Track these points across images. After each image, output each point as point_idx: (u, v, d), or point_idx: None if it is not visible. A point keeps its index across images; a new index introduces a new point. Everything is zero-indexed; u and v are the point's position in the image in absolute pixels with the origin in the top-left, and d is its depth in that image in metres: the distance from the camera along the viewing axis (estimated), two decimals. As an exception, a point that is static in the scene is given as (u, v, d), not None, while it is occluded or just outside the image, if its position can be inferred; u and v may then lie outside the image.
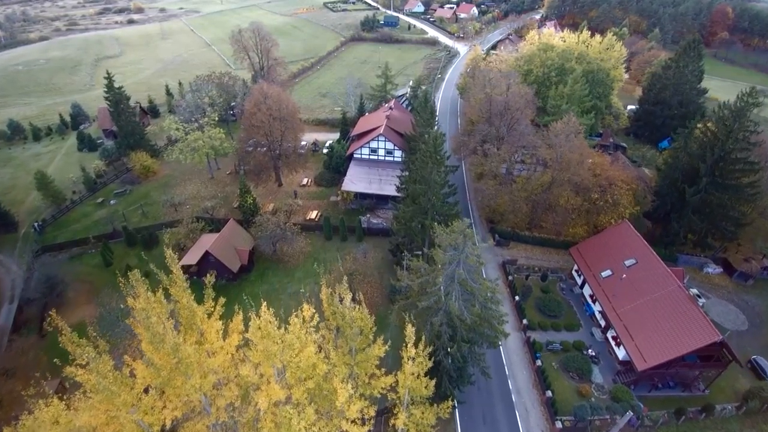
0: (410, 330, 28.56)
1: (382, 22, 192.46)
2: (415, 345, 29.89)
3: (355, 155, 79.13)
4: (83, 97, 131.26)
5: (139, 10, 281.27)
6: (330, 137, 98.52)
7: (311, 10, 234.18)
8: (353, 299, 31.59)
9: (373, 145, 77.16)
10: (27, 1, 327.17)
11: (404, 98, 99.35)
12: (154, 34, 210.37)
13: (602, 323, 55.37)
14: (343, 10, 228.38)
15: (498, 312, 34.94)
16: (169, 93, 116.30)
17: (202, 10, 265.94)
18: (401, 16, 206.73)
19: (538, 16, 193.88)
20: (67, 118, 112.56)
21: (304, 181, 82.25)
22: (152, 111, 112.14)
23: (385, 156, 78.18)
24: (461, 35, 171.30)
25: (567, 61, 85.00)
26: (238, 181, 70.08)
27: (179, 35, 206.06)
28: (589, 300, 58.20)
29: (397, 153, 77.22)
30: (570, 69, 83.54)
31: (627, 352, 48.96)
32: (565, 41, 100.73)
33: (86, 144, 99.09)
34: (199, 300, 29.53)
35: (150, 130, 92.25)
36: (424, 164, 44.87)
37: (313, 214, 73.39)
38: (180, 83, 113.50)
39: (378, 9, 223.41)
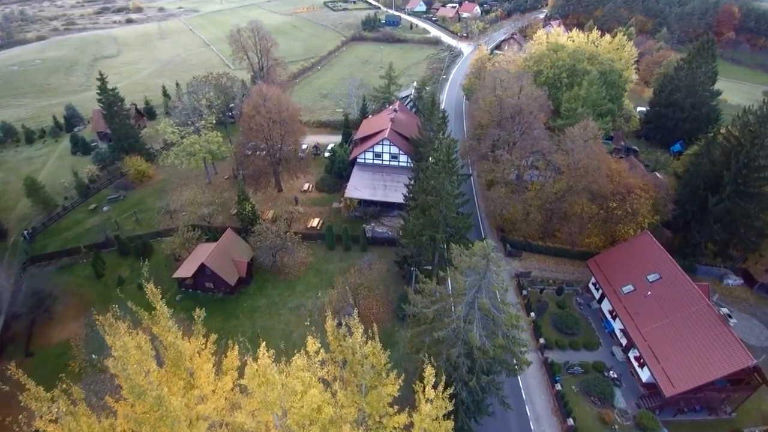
0: (429, 372, 24.88)
1: (383, 21, 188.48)
2: (434, 386, 26.23)
3: (358, 160, 75.42)
4: (79, 98, 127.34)
5: (138, 10, 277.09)
6: (331, 140, 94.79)
7: (311, 10, 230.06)
8: (365, 333, 27.82)
9: (378, 149, 73.46)
10: (26, 1, 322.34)
11: (408, 100, 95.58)
12: (153, 33, 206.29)
13: (623, 342, 51.80)
14: (344, 9, 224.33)
15: (522, 341, 31.29)
16: (165, 94, 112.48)
17: (201, 9, 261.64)
18: (403, 15, 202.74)
19: (541, 16, 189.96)
20: (61, 120, 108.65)
21: (305, 186, 78.55)
22: (148, 112, 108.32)
23: (389, 161, 74.46)
24: (464, 35, 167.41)
25: (578, 61, 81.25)
26: (237, 187, 66.37)
27: (178, 35, 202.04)
28: (609, 316, 54.61)
29: (403, 158, 73.52)
30: (582, 70, 79.81)
31: (652, 375, 45.49)
32: (573, 41, 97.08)
33: (80, 147, 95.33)
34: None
35: (145, 133, 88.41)
36: (436, 173, 41.20)
37: (314, 222, 69.70)
38: (177, 84, 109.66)
39: (379, 8, 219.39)
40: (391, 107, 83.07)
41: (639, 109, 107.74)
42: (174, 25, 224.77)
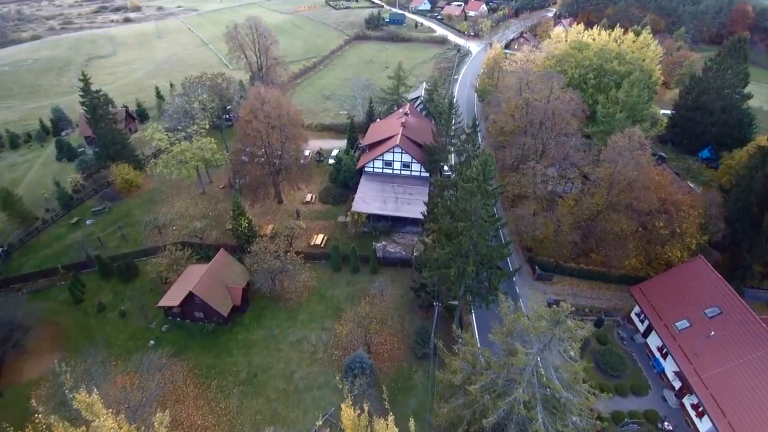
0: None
1: (387, 19, 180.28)
2: None
3: (366, 169, 67.60)
4: (70, 99, 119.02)
5: (137, 9, 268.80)
6: (335, 145, 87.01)
7: (312, 8, 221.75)
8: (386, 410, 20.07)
9: (388, 157, 65.64)
10: (24, 0, 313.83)
11: (418, 101, 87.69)
12: (150, 32, 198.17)
13: (676, 385, 44.11)
14: (346, 7, 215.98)
15: (594, 425, 23.55)
16: (159, 95, 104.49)
17: (200, 8, 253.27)
18: (407, 13, 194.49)
19: (550, 14, 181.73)
20: (48, 124, 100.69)
21: (308, 197, 70.70)
22: (141, 115, 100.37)
23: (401, 170, 66.65)
24: (472, 33, 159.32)
25: (606, 61, 73.33)
26: (231, 199, 58.57)
27: (176, 34, 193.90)
28: (658, 354, 46.87)
29: (416, 167, 65.70)
30: (611, 70, 71.96)
31: (716, 429, 37.90)
32: (594, 39, 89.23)
33: (65, 153, 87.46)
34: (188, 345, 19.11)
35: (136, 138, 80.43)
36: (468, 195, 33.38)
37: (318, 239, 61.90)
38: (171, 84, 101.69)
39: (382, 6, 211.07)
40: (401, 110, 75.20)
41: (662, 112, 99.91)
42: (172, 24, 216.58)
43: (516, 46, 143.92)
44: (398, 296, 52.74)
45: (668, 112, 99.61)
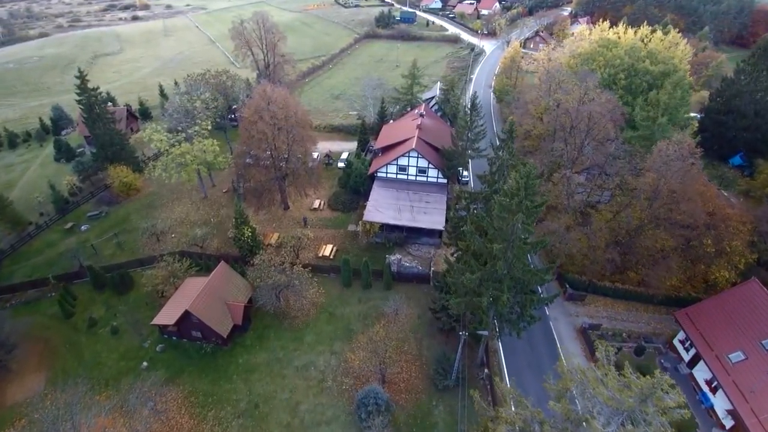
0: None
1: (398, 18, 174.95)
2: None
3: (378, 174, 62.55)
4: (72, 98, 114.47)
5: (145, 7, 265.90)
6: (345, 147, 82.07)
7: (321, 7, 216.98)
8: None
9: (402, 162, 60.53)
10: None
11: (433, 101, 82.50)
12: (157, 30, 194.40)
13: (727, 424, 38.73)
14: (356, 5, 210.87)
15: None
16: (163, 94, 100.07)
17: (208, 7, 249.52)
18: (418, 12, 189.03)
19: (565, 13, 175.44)
20: (48, 123, 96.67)
21: (316, 203, 65.77)
22: (143, 114, 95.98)
23: (416, 176, 61.53)
24: (485, 32, 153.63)
25: (637, 60, 67.65)
26: (233, 206, 53.75)
27: (183, 32, 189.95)
28: (706, 387, 41.42)
29: (432, 172, 60.55)
30: (643, 70, 66.29)
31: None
32: (619, 37, 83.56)
33: (64, 153, 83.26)
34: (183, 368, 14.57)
35: (136, 138, 75.73)
36: (508, 213, 28.23)
37: (327, 250, 56.96)
38: (176, 82, 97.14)
39: (392, 5, 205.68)
40: (416, 111, 70.02)
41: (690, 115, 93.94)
42: (180, 22, 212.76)
43: (532, 45, 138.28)
44: (415, 316, 47.63)
45: (695, 115, 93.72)
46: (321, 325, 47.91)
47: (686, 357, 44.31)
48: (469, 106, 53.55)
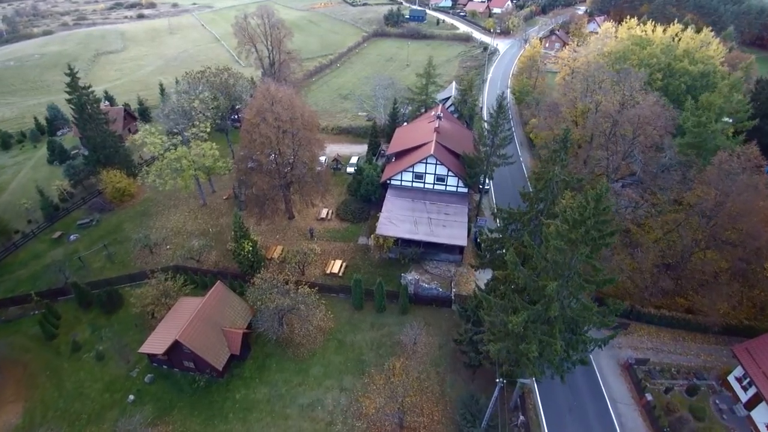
0: None
1: (407, 16, 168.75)
2: None
3: (392, 182, 56.57)
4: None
5: (151, 5, 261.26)
6: (354, 150, 76.18)
7: (329, 5, 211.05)
8: None
9: (419, 169, 54.51)
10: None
11: (449, 102, 76.42)
12: (162, 29, 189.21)
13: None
14: (364, 4, 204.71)
15: None
16: (163, 93, 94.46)
17: (215, 5, 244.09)
18: (427, 10, 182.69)
19: (580, 11, 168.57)
20: (44, 123, 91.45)
21: (323, 213, 59.91)
22: (142, 114, 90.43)
23: (434, 184, 55.49)
24: (498, 31, 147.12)
25: (674, 59, 61.26)
26: (233, 217, 47.92)
27: (188, 30, 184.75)
28: (774, 435, 35.21)
29: (452, 180, 54.50)
30: (681, 70, 59.97)
31: None
32: (646, 34, 77.14)
33: (57, 155, 77.83)
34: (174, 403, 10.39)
35: (132, 140, 69.68)
36: (567, 244, 22.22)
37: (335, 266, 51.07)
38: (177, 81, 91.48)
39: (401, 3, 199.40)
40: (432, 113, 63.95)
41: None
42: (185, 20, 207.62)
43: (547, 44, 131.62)
44: (436, 346, 41.64)
45: (727, 120, 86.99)
46: (329, 354, 42.01)
47: (744, 397, 38.02)
48: (495, 107, 47.28)
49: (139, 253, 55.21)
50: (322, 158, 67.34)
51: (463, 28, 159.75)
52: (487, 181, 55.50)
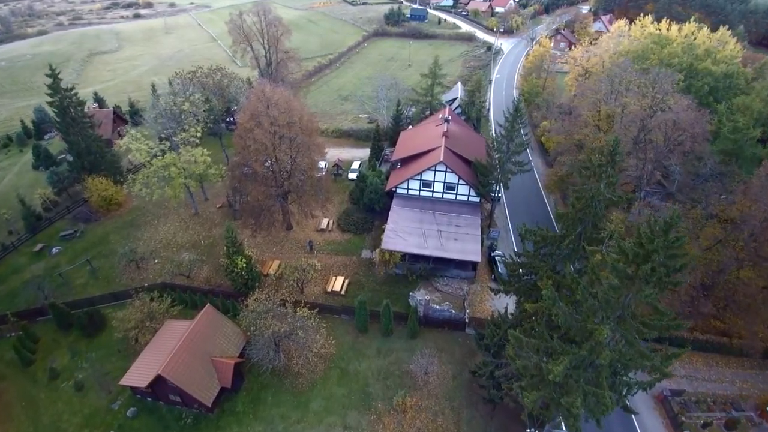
0: None
1: (408, 15, 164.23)
2: None
3: (398, 190, 52.21)
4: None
5: (148, 5, 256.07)
6: (356, 154, 71.84)
7: (328, 4, 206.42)
8: None
9: (427, 177, 50.16)
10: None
11: (455, 103, 72.09)
12: (158, 28, 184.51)
13: None
14: (364, 3, 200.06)
15: None
16: (155, 93, 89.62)
17: (213, 5, 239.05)
18: (429, 9, 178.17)
19: (584, 10, 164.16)
20: (31, 126, 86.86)
21: (323, 223, 55.51)
22: (133, 117, 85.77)
23: (443, 193, 51.13)
24: (502, 30, 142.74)
25: (696, 59, 57.02)
26: (225, 231, 43.36)
27: (184, 30, 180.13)
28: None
29: (462, 189, 50.14)
30: (705, 71, 55.75)
31: None
32: (658, 31, 72.94)
33: (43, 161, 73.26)
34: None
35: (120, 145, 65.05)
36: (626, 281, 17.93)
37: (337, 284, 46.70)
38: (170, 82, 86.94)
39: (402, 2, 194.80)
40: (439, 115, 59.57)
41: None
42: (182, 19, 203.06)
43: (553, 44, 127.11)
44: (449, 377, 37.29)
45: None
46: (331, 386, 37.64)
47: (795, 435, 33.87)
48: (510, 110, 42.97)
49: (125, 269, 50.71)
50: (322, 164, 63.08)
51: (465, 27, 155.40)
52: (500, 188, 51.11)
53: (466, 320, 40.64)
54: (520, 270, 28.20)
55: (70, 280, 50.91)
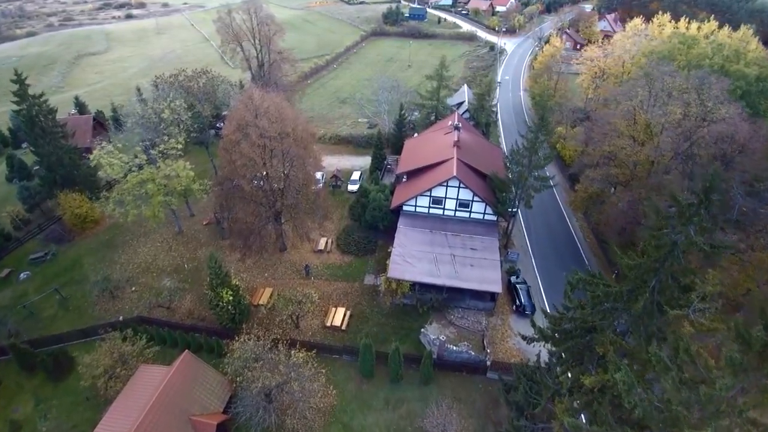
0: None
1: (407, 14, 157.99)
2: None
3: (405, 207, 46.19)
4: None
5: (141, 5, 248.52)
6: (356, 163, 65.87)
7: (324, 4, 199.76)
8: None
9: (438, 193, 44.17)
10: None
11: (462, 107, 66.12)
12: (149, 28, 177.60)
13: None
14: (361, 2, 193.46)
15: None
16: (141, 98, 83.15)
17: (206, 5, 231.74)
18: (428, 9, 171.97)
19: (587, 9, 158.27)
20: (7, 133, 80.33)
21: (321, 243, 49.40)
22: (116, 123, 79.01)
23: (456, 210, 45.16)
24: (504, 29, 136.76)
25: (727, 61, 51.34)
26: (208, 261, 37.13)
27: (177, 30, 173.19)
28: None
29: (477, 206, 44.18)
30: (738, 73, 50.06)
31: None
32: (676, 29, 67.33)
33: (17, 172, 66.73)
34: None
35: (91, 159, 58.20)
36: (737, 373, 12.02)
37: (337, 317, 40.65)
38: (156, 84, 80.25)
39: (400, 2, 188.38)
40: (449, 122, 53.53)
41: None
42: (175, 20, 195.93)
43: (557, 44, 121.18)
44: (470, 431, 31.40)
45: None
46: (331, 446, 31.68)
47: None
48: (536, 120, 37.07)
49: (98, 298, 44.44)
50: (319, 175, 56.99)
51: (466, 26, 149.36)
52: (517, 204, 45.13)
53: (488, 363, 34.70)
54: (568, 326, 22.22)
55: (38, 312, 44.66)
